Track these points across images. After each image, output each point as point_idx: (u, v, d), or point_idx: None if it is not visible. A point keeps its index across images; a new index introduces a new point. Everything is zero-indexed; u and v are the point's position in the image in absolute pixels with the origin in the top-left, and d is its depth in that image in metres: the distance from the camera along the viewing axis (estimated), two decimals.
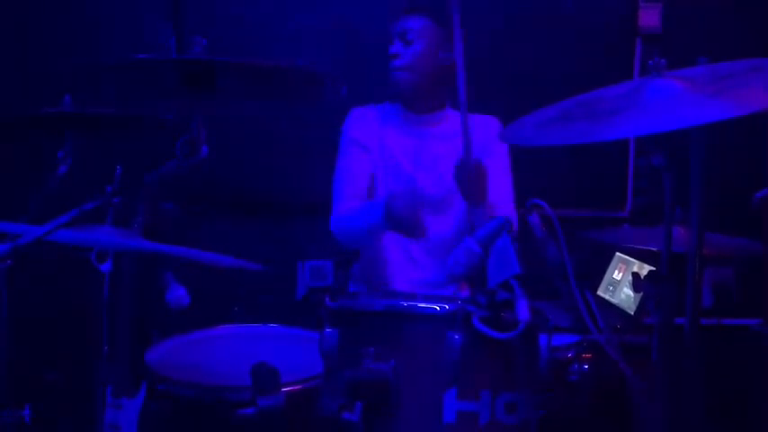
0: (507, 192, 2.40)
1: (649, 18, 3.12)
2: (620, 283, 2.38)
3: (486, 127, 2.39)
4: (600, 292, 2.44)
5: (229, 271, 1.69)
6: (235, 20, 3.00)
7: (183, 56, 1.65)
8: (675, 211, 1.49)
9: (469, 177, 2.04)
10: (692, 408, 1.43)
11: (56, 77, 2.00)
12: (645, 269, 2.22)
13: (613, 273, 2.44)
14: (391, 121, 2.44)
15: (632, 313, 2.23)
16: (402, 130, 2.42)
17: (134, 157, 1.73)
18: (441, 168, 2.36)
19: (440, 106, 2.42)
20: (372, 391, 1.37)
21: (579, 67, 3.02)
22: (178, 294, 1.98)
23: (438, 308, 1.40)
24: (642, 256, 2.26)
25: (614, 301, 2.36)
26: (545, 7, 3.12)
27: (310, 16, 3.04)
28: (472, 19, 2.25)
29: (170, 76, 1.63)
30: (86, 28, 2.93)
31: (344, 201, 2.38)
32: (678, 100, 1.32)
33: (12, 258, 1.76)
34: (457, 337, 1.36)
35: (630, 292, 2.29)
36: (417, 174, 2.37)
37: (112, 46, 2.88)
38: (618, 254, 2.44)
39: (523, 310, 1.34)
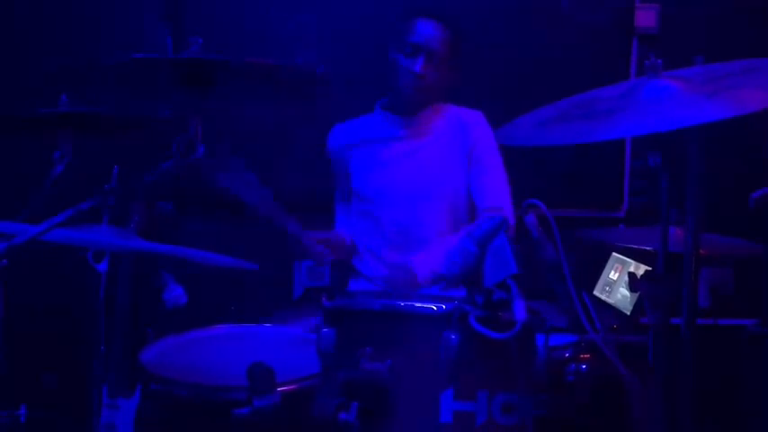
0: (504, 187, 2.39)
1: (646, 18, 3.12)
2: (617, 283, 2.38)
3: (478, 123, 2.40)
4: (596, 293, 2.45)
5: (226, 270, 1.69)
6: (233, 20, 3.00)
7: (179, 55, 1.64)
8: (672, 211, 1.50)
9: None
10: (687, 407, 1.43)
11: (53, 77, 2.00)
12: (641, 269, 2.22)
13: (610, 273, 2.45)
14: (378, 124, 2.41)
15: (628, 313, 2.24)
16: (389, 131, 2.39)
17: (131, 157, 1.72)
18: (423, 159, 2.35)
19: (430, 102, 2.38)
20: (369, 392, 1.37)
21: (576, 67, 3.02)
22: (175, 294, 1.98)
23: (435, 308, 1.40)
24: (638, 257, 2.26)
25: (611, 301, 2.37)
26: (542, 7, 3.12)
27: (308, 16, 3.04)
28: (469, 18, 2.26)
29: (167, 76, 1.62)
30: (84, 28, 2.93)
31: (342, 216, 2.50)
32: (674, 100, 1.32)
33: (8, 258, 1.76)
34: (454, 337, 1.36)
35: (627, 292, 2.29)
36: (402, 167, 2.36)
37: (110, 45, 2.88)
38: (614, 254, 2.44)
39: (520, 311, 1.34)
